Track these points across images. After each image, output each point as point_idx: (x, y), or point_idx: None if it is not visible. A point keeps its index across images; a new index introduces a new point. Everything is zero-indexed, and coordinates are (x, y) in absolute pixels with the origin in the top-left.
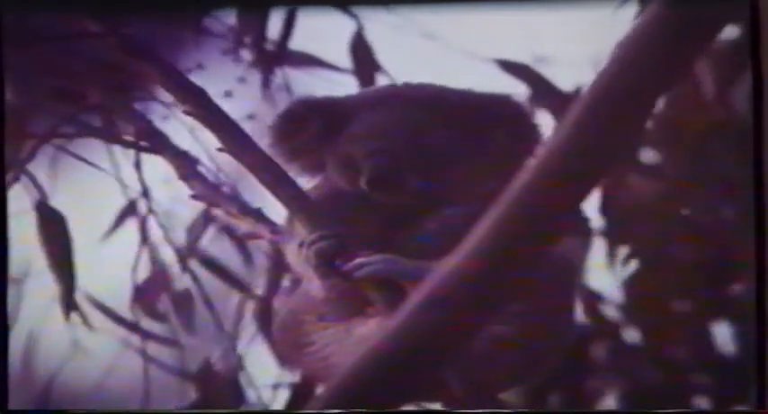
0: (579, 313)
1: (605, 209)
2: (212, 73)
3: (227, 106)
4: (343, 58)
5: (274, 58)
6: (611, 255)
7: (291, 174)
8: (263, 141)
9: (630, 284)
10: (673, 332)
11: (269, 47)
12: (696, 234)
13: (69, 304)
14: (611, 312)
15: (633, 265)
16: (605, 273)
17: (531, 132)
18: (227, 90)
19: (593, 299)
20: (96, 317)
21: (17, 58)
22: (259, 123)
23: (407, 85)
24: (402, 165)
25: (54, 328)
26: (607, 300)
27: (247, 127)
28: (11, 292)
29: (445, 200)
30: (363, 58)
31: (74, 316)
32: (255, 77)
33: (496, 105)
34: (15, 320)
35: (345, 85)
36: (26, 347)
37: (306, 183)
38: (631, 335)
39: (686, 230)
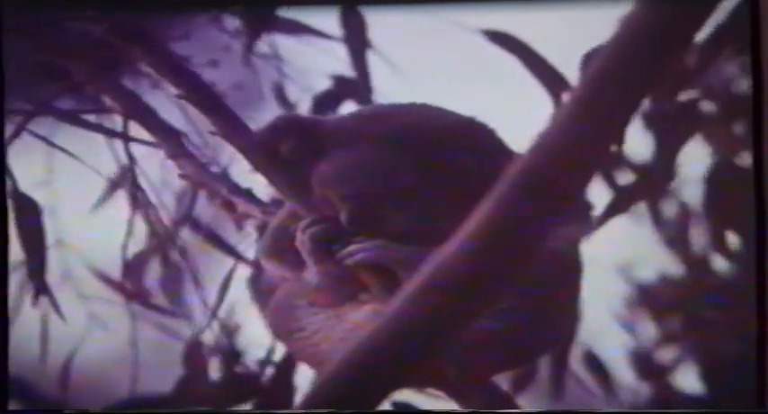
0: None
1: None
2: (198, 41)
3: (213, 76)
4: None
5: (262, 23)
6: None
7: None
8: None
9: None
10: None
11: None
12: None
13: (39, 289)
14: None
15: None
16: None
17: (499, 152)
18: (212, 59)
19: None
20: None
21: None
22: (245, 93)
23: (376, 115)
24: (377, 207)
25: (67, 305)
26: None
27: (235, 97)
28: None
29: (426, 234)
30: (354, 27)
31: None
32: (241, 46)
33: (461, 131)
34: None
35: (334, 53)
36: (42, 326)
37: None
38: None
39: None
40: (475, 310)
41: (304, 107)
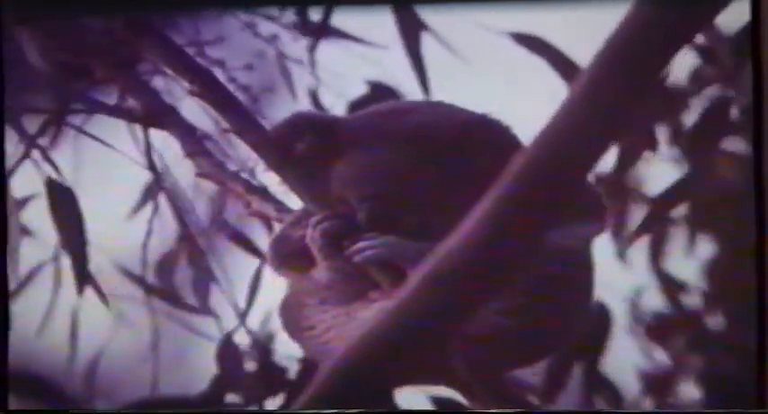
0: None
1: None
2: (232, 46)
3: (247, 79)
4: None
5: (315, 31)
6: (692, 241)
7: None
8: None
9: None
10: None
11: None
12: None
13: (82, 279)
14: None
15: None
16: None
17: (515, 149)
18: (246, 63)
19: (673, 287)
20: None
21: (21, 33)
22: (278, 97)
23: (392, 113)
24: (394, 207)
25: (96, 302)
26: (688, 287)
27: (269, 100)
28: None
29: (440, 232)
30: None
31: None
32: (275, 51)
33: (476, 128)
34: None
35: (368, 57)
36: (71, 323)
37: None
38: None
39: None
40: (477, 302)
41: (338, 112)
